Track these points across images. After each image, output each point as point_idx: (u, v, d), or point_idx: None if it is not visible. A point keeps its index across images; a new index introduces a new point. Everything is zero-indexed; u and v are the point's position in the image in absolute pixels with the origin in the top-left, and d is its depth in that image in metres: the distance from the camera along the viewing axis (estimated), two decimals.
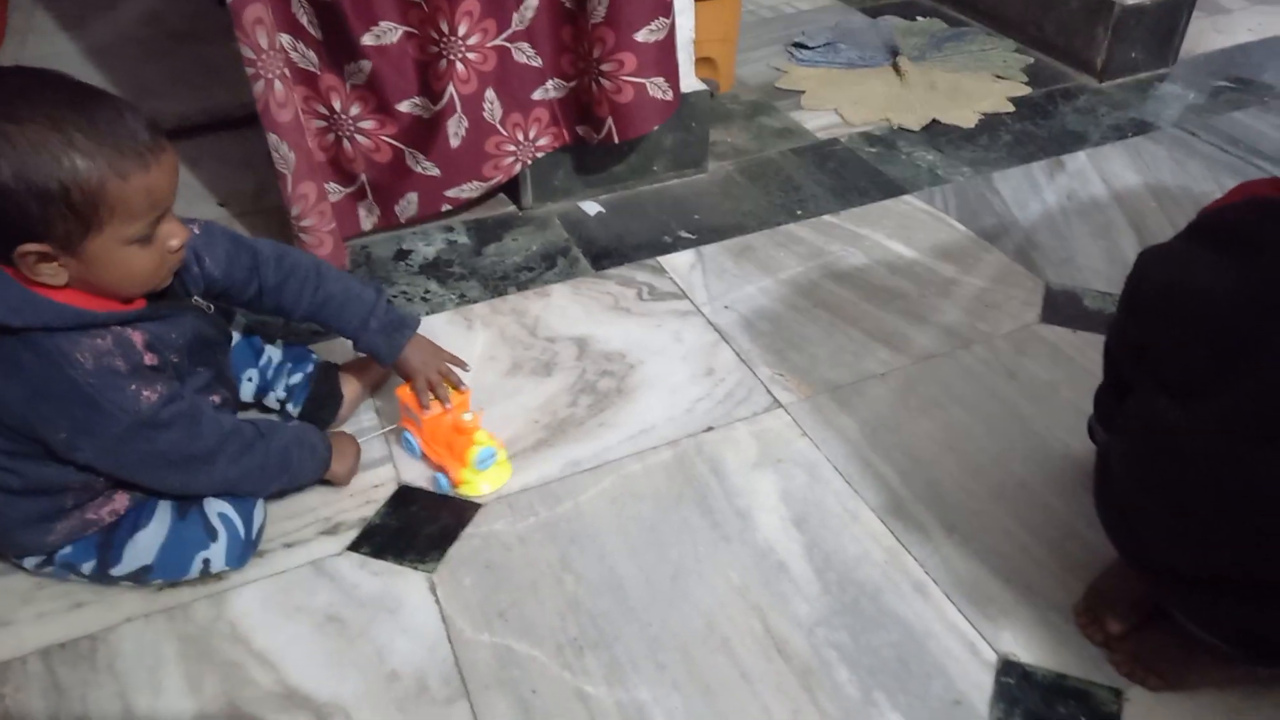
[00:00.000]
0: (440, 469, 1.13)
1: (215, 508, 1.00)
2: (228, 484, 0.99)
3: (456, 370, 1.15)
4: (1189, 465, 0.75)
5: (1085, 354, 1.30)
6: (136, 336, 0.89)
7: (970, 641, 0.96)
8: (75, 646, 0.96)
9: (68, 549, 0.97)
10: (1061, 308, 1.39)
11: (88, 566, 0.97)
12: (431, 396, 1.12)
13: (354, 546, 1.05)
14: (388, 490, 1.12)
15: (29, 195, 0.76)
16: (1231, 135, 1.81)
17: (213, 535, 0.99)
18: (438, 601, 1.00)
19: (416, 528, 1.07)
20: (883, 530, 1.07)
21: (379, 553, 1.05)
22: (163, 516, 0.99)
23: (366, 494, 1.12)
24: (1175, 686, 0.90)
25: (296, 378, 1.17)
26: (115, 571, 0.98)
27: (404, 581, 1.02)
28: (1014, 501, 1.10)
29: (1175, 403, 0.76)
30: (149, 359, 0.90)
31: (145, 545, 0.97)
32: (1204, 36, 2.18)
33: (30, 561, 0.98)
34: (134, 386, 0.88)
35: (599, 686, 0.92)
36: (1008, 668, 0.93)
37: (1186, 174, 1.70)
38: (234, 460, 0.98)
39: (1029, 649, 0.95)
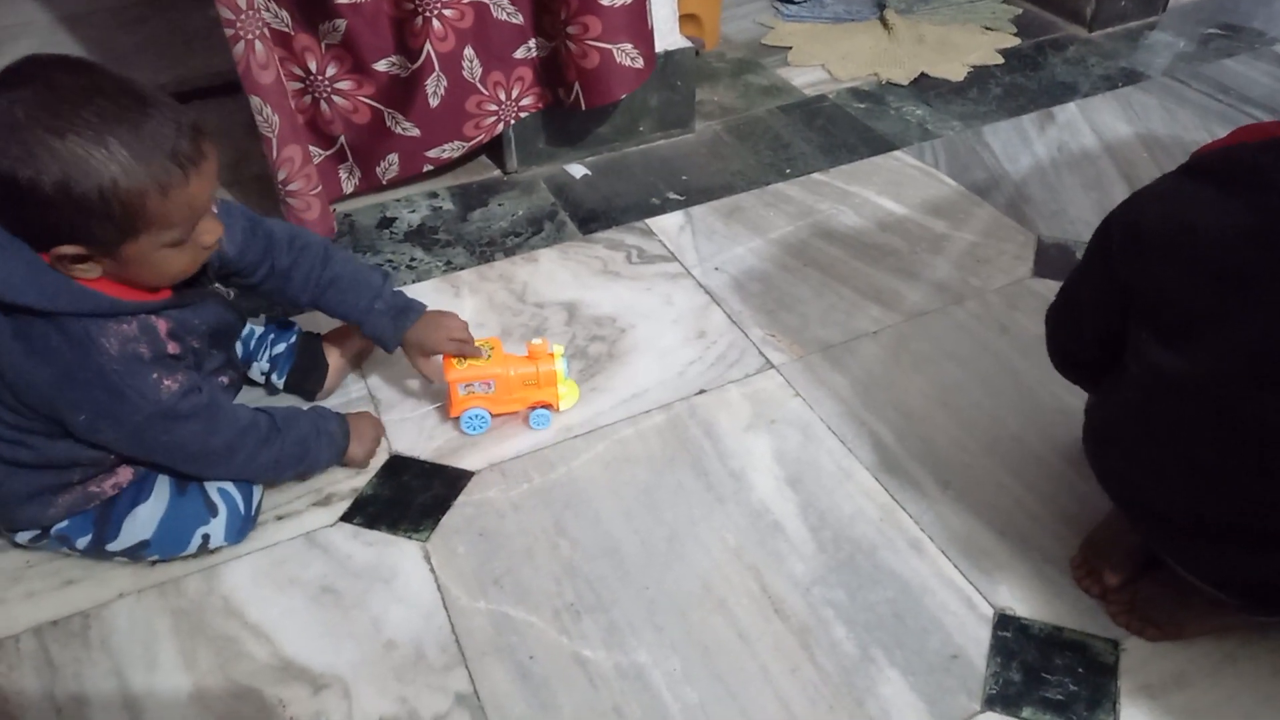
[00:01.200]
0: (535, 407, 1.13)
1: (215, 483, 0.99)
2: (245, 475, 1.00)
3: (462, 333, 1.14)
4: (1198, 413, 0.74)
5: None
6: (161, 324, 0.89)
7: (966, 596, 0.96)
8: (67, 624, 0.95)
9: (64, 523, 0.96)
10: (1053, 261, 1.38)
11: (83, 541, 0.96)
12: (453, 360, 1.11)
13: (346, 517, 1.05)
14: (379, 460, 1.11)
15: (69, 205, 0.76)
16: (1222, 83, 1.79)
17: (213, 511, 0.98)
18: (432, 570, 0.99)
19: (409, 497, 1.07)
20: (877, 488, 1.07)
21: (372, 523, 1.04)
22: (162, 492, 0.98)
23: None
24: (1172, 636, 0.90)
25: (280, 348, 1.15)
26: (112, 546, 0.97)
27: (398, 551, 1.01)
28: (1008, 456, 1.10)
29: (1175, 353, 0.75)
30: (172, 347, 0.90)
31: (144, 520, 0.96)
32: None
33: (24, 536, 0.97)
34: (156, 375, 0.88)
35: (597, 650, 0.92)
36: (1004, 621, 0.93)
37: (1177, 123, 1.68)
38: (251, 455, 0.98)
39: (1025, 602, 0.95)
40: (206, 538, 0.98)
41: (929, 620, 0.94)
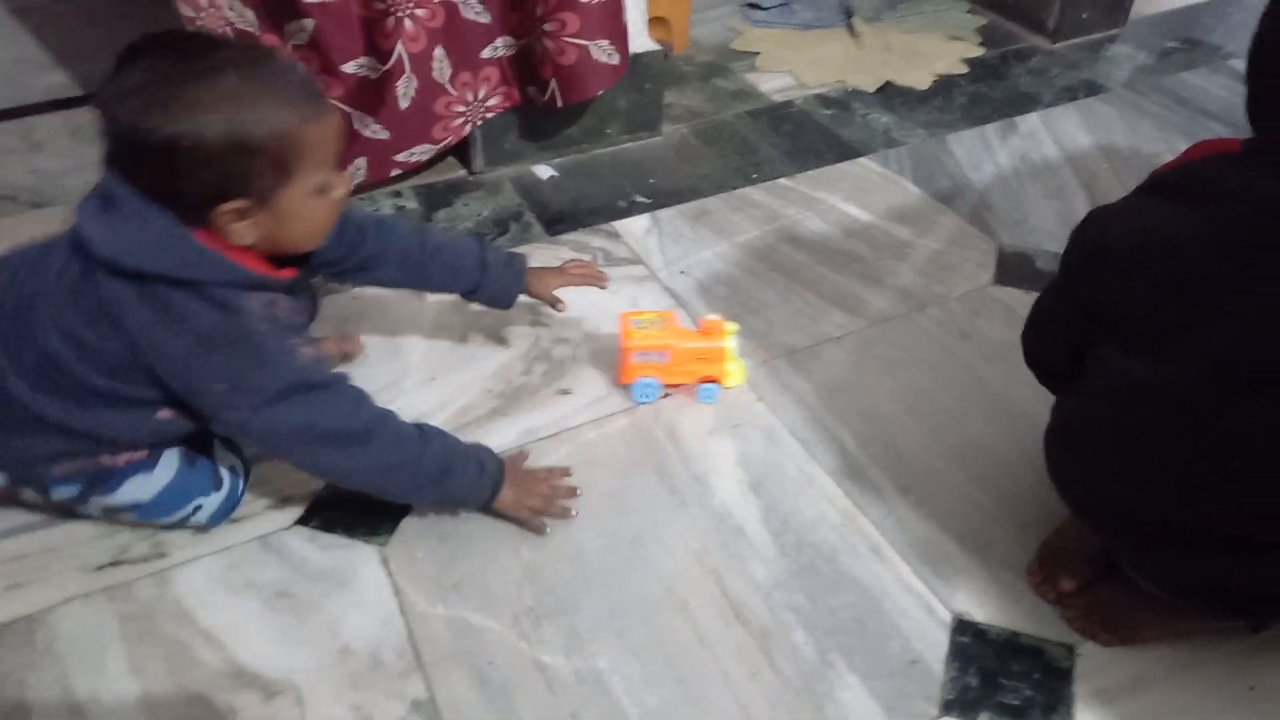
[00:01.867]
0: (704, 381, 1.16)
1: (228, 460, 1.00)
2: (383, 473, 0.92)
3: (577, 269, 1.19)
4: (1165, 420, 0.76)
5: None
6: (282, 304, 0.89)
7: (926, 601, 0.96)
8: (13, 628, 0.92)
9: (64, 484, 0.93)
10: (1015, 269, 1.39)
11: (65, 491, 0.94)
12: (632, 327, 1.13)
13: (303, 520, 1.03)
14: None
15: (236, 151, 0.77)
16: (1180, 96, 1.82)
17: (217, 485, 0.98)
18: (390, 575, 0.98)
19: (367, 500, 1.05)
20: (839, 493, 1.07)
21: (329, 526, 1.02)
22: (169, 463, 0.96)
23: None
24: (1126, 641, 0.91)
25: None
26: (100, 499, 0.94)
27: (355, 555, 1.00)
28: (968, 461, 1.10)
29: (1142, 363, 0.76)
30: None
31: (146, 486, 0.95)
32: None
33: None
34: (294, 340, 0.87)
35: (557, 656, 0.91)
36: (962, 627, 0.94)
37: (1137, 134, 1.71)
38: (389, 447, 0.91)
39: (983, 607, 0.95)
40: (198, 509, 0.98)
41: (888, 625, 0.94)
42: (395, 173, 1.50)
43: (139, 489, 0.95)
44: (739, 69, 1.94)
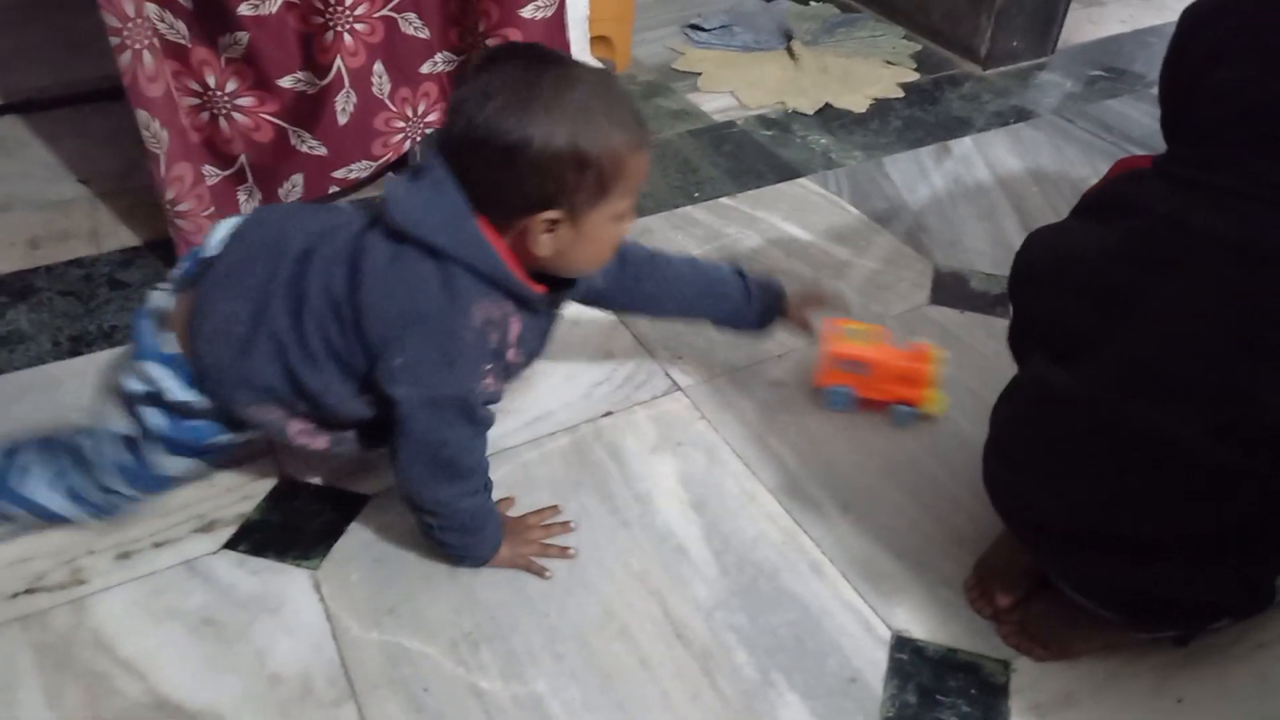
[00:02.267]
0: (900, 402, 1.15)
1: None
2: (441, 507, 0.92)
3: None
4: (1082, 424, 0.78)
5: (972, 334, 1.33)
6: (515, 326, 0.89)
7: (865, 619, 0.97)
8: None
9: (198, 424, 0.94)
10: (949, 289, 1.42)
11: (221, 437, 0.95)
12: (839, 333, 1.15)
13: (231, 544, 1.00)
14: (268, 484, 1.06)
15: (572, 163, 0.80)
16: (1105, 122, 1.89)
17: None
18: (323, 599, 0.95)
19: (299, 523, 1.02)
20: (780, 511, 1.07)
21: (258, 550, 0.99)
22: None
23: (244, 488, 1.06)
24: (1059, 656, 0.93)
25: None
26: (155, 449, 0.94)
27: (286, 580, 0.97)
28: (905, 479, 1.12)
29: (1063, 368, 0.79)
30: (511, 354, 0.90)
31: (179, 467, 0.97)
32: (1080, 27, 2.26)
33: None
34: (488, 368, 0.88)
35: (494, 681, 0.89)
36: (901, 644, 0.95)
37: (1064, 159, 1.76)
38: (472, 492, 0.93)
39: (921, 624, 0.96)
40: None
41: (828, 643, 0.94)
42: (333, 189, 1.47)
43: (175, 466, 0.96)
44: (681, 89, 1.95)
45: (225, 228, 0.94)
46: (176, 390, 0.91)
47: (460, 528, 0.94)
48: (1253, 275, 0.71)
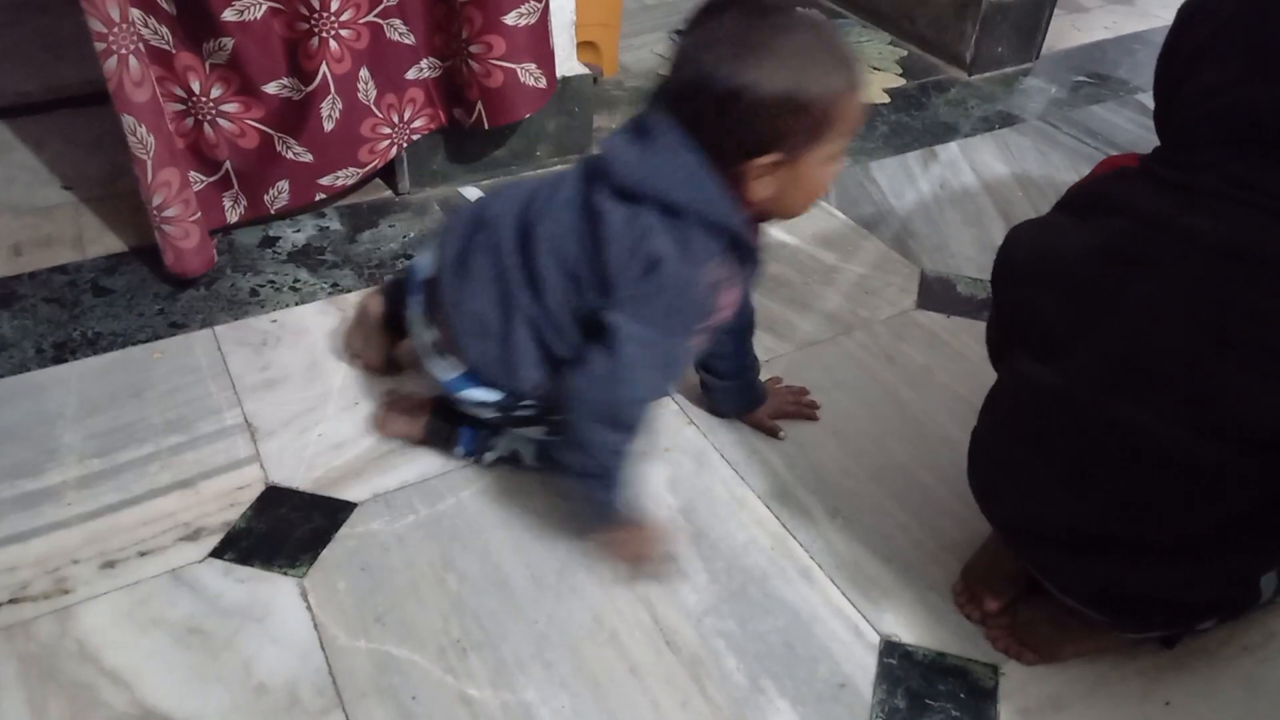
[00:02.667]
0: None
1: None
2: (608, 445, 0.92)
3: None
4: (1065, 421, 0.79)
5: (959, 338, 1.33)
6: (733, 292, 0.92)
7: (854, 624, 0.97)
8: None
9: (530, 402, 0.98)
10: (936, 294, 1.43)
11: (523, 411, 1.00)
12: None
13: (217, 553, 0.99)
14: (254, 491, 1.06)
15: (792, 106, 0.81)
16: (1090, 128, 1.90)
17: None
18: (309, 608, 0.94)
19: (286, 531, 1.02)
20: (769, 516, 1.07)
21: (245, 559, 0.99)
22: None
23: (230, 496, 1.05)
24: (1048, 659, 0.93)
25: None
26: (556, 415, 0.98)
27: (272, 588, 0.96)
28: (893, 484, 1.12)
29: (1044, 365, 0.79)
30: (720, 316, 0.93)
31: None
32: (1064, 33, 2.28)
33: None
34: (701, 327, 0.91)
35: (483, 689, 0.89)
36: (890, 648, 0.95)
37: (1050, 164, 1.77)
38: (624, 446, 0.93)
39: (910, 629, 0.96)
40: None
41: (818, 649, 0.94)
42: (320, 197, 1.46)
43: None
44: None
45: (427, 252, 1.01)
46: (490, 394, 0.98)
47: (600, 475, 0.94)
48: (1226, 274, 0.71)
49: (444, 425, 1.09)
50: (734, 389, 1.16)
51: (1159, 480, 0.75)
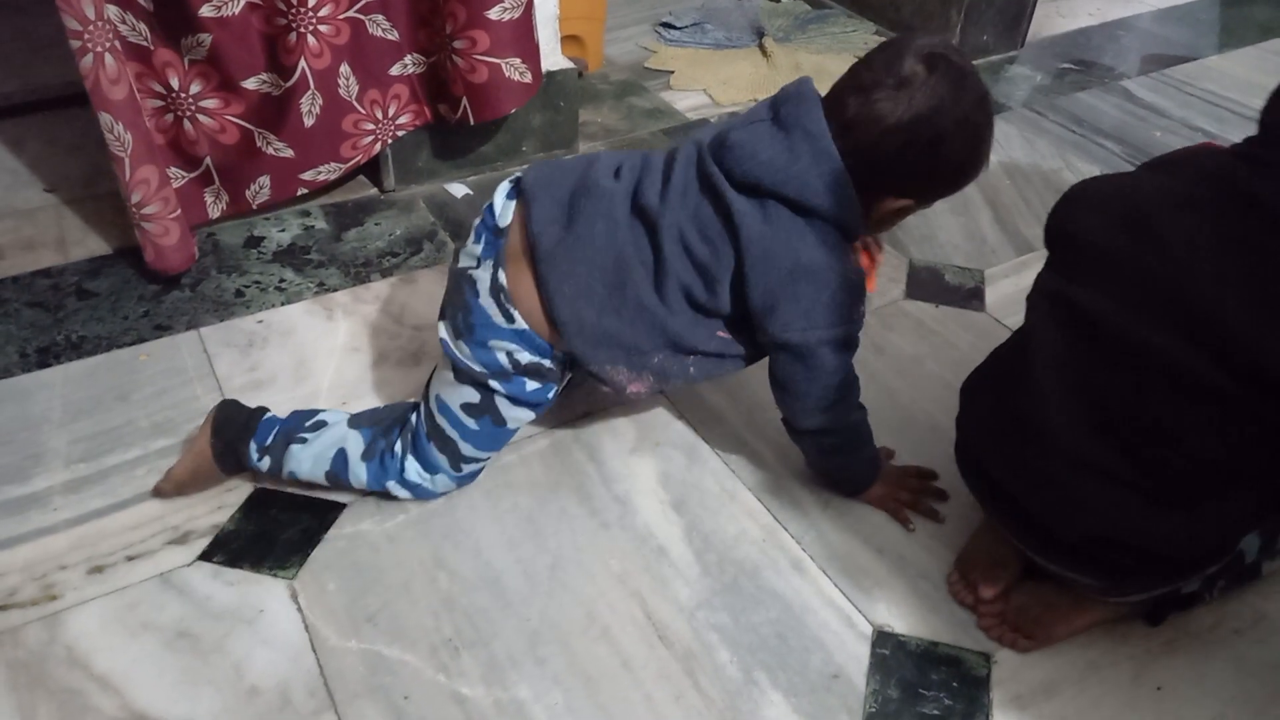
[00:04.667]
0: None
1: None
2: (842, 423, 1.00)
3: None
4: (1100, 347, 0.81)
5: (947, 328, 1.33)
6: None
7: (846, 615, 0.97)
8: None
9: (530, 384, 0.99)
10: (924, 284, 1.42)
11: (504, 383, 0.99)
12: None
13: (205, 556, 0.98)
14: (242, 493, 1.05)
15: (957, 172, 0.91)
16: (1075, 114, 1.90)
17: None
18: (300, 609, 0.94)
19: (275, 532, 1.01)
20: (760, 508, 1.07)
21: (234, 561, 0.98)
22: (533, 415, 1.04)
23: (218, 498, 1.04)
24: (1042, 643, 0.93)
25: None
26: (501, 402, 0.99)
27: (262, 590, 0.95)
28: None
29: (1082, 288, 0.82)
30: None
31: (520, 418, 1.02)
32: (1049, 21, 2.28)
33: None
34: (862, 306, 0.95)
35: (476, 687, 0.89)
36: (883, 639, 0.95)
37: (1036, 152, 1.77)
38: (859, 406, 1.01)
39: (902, 618, 0.96)
40: (488, 458, 1.05)
41: (811, 640, 0.94)
42: (301, 191, 1.46)
43: (519, 417, 1.02)
44: (654, 87, 1.95)
45: (503, 193, 0.99)
46: (528, 355, 0.97)
47: (852, 443, 1.02)
48: (1275, 236, 0.74)
49: (237, 414, 1.02)
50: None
51: (1172, 405, 0.77)
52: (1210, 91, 2.01)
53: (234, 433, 1.01)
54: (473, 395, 0.99)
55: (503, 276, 0.95)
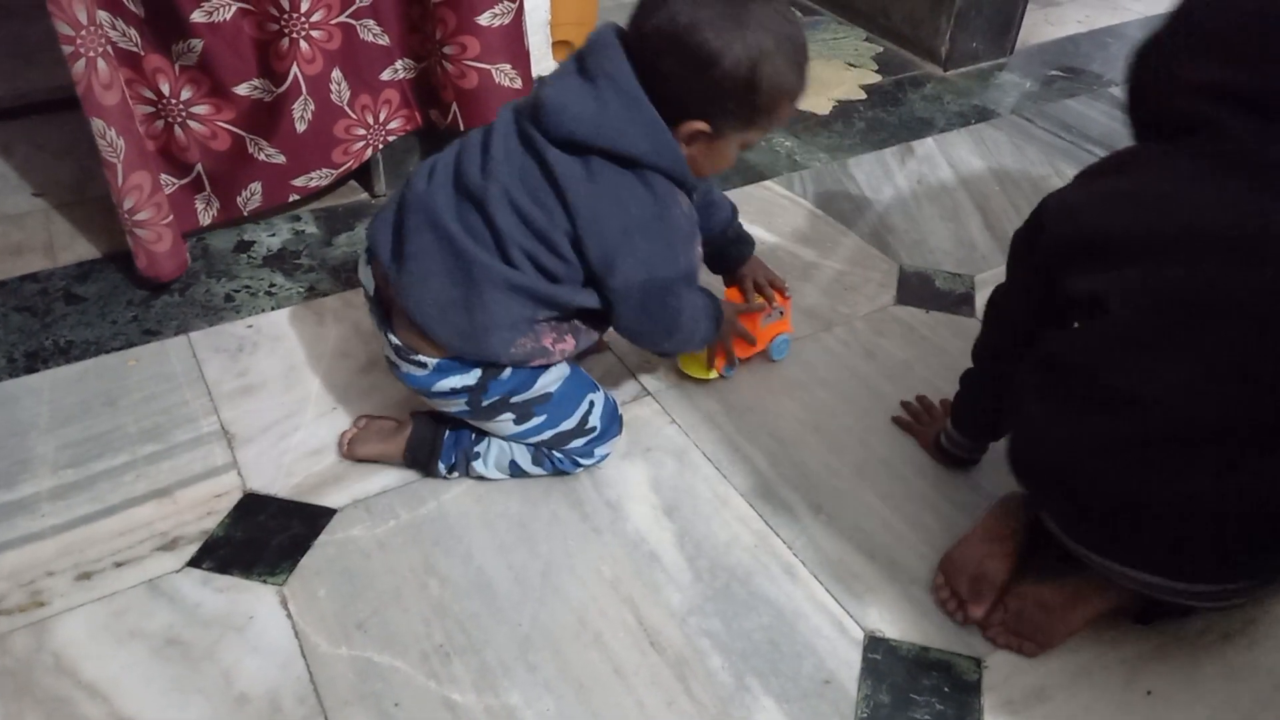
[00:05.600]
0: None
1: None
2: (688, 338, 1.04)
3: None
4: (1183, 306, 0.80)
5: (938, 333, 1.34)
6: (687, 205, 0.97)
7: (838, 620, 0.97)
8: None
9: (505, 375, 0.98)
10: (915, 289, 1.43)
11: (491, 397, 0.99)
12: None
13: (194, 562, 0.98)
14: (232, 499, 1.05)
15: (749, 87, 0.86)
16: (1064, 121, 1.91)
17: (594, 385, 1.06)
18: (290, 616, 0.93)
19: (265, 538, 1.01)
20: (751, 514, 1.07)
21: (223, 567, 0.97)
22: (563, 366, 1.03)
23: (207, 504, 1.04)
24: (1046, 645, 0.94)
25: None
26: (518, 398, 1.00)
27: (252, 597, 0.95)
28: (875, 479, 1.12)
29: (1154, 269, 0.81)
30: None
31: (553, 378, 1.01)
32: (1038, 28, 2.29)
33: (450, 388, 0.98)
34: (698, 238, 0.98)
35: (467, 694, 0.88)
36: (874, 644, 0.95)
37: (1025, 158, 1.78)
38: (699, 319, 1.03)
39: (894, 624, 0.97)
40: (591, 405, 1.04)
41: (803, 645, 0.94)
42: (294, 198, 1.45)
43: (549, 380, 1.01)
44: None
45: (363, 263, 1.02)
46: (467, 377, 0.97)
47: (698, 341, 1.07)
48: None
49: (426, 436, 1.07)
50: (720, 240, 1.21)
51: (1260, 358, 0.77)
52: None
53: (425, 454, 1.07)
54: (506, 414, 1.01)
55: (394, 338, 0.98)
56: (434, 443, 1.06)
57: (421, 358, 0.97)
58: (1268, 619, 0.98)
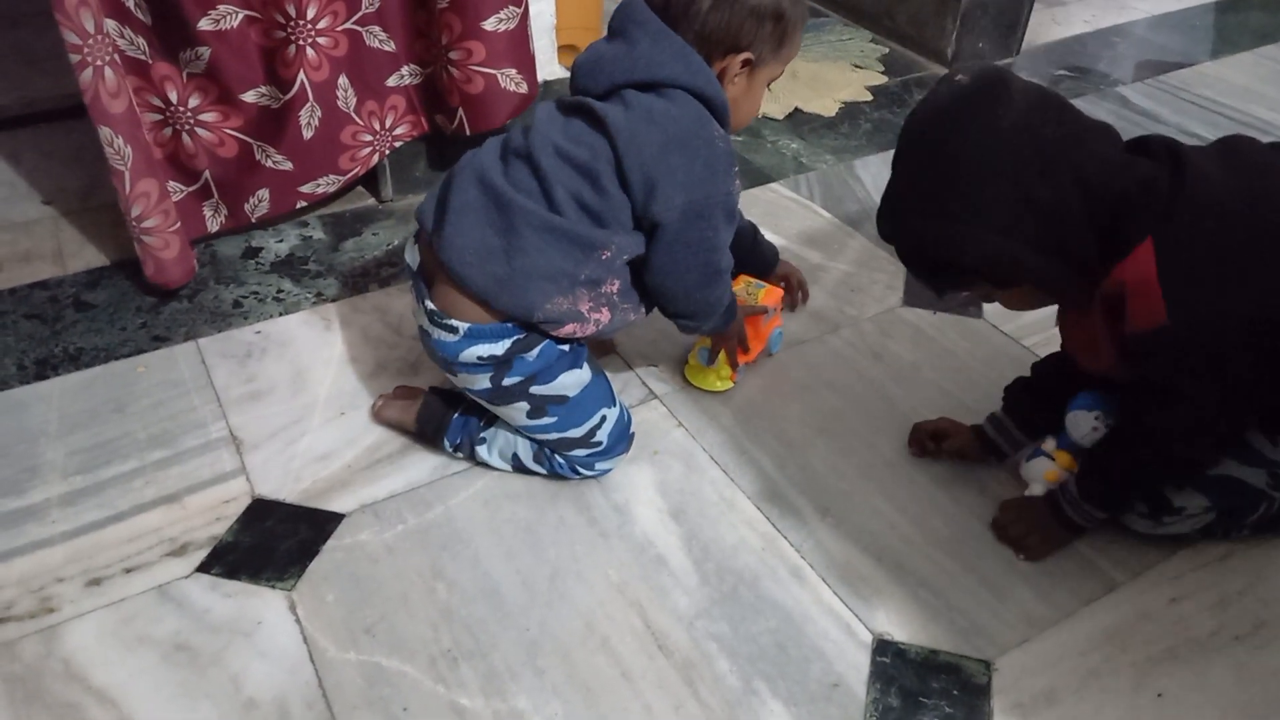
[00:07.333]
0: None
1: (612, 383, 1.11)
2: (704, 307, 1.05)
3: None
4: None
5: (945, 335, 1.33)
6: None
7: (846, 623, 0.96)
8: None
9: (532, 355, 0.99)
10: (922, 290, 1.42)
11: (513, 377, 1.00)
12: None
13: (203, 568, 0.98)
14: (240, 505, 1.05)
15: (774, 13, 0.95)
16: None
17: (612, 401, 1.07)
18: (298, 621, 0.94)
19: (273, 544, 1.01)
20: (759, 517, 1.07)
21: (232, 573, 0.98)
22: (589, 367, 1.05)
23: (216, 510, 1.04)
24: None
25: None
26: (537, 389, 1.01)
27: (260, 602, 0.95)
28: (882, 481, 1.12)
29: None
30: None
31: (574, 381, 1.03)
32: (1044, 28, 2.29)
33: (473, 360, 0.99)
34: (736, 169, 1.00)
35: (475, 699, 0.88)
36: (883, 647, 0.94)
37: None
38: (729, 286, 1.07)
39: (902, 626, 0.96)
40: (603, 419, 1.05)
41: (810, 649, 0.94)
42: (301, 204, 1.46)
43: (570, 383, 1.02)
44: None
45: (409, 244, 1.05)
46: (493, 347, 0.98)
47: (720, 317, 1.08)
48: None
49: (436, 411, 1.10)
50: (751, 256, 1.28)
51: None
52: (1206, 97, 2.01)
53: (433, 428, 1.10)
54: (522, 404, 1.01)
55: (430, 303, 0.99)
56: (442, 419, 1.09)
57: (453, 321, 0.97)
58: (1278, 621, 0.98)
